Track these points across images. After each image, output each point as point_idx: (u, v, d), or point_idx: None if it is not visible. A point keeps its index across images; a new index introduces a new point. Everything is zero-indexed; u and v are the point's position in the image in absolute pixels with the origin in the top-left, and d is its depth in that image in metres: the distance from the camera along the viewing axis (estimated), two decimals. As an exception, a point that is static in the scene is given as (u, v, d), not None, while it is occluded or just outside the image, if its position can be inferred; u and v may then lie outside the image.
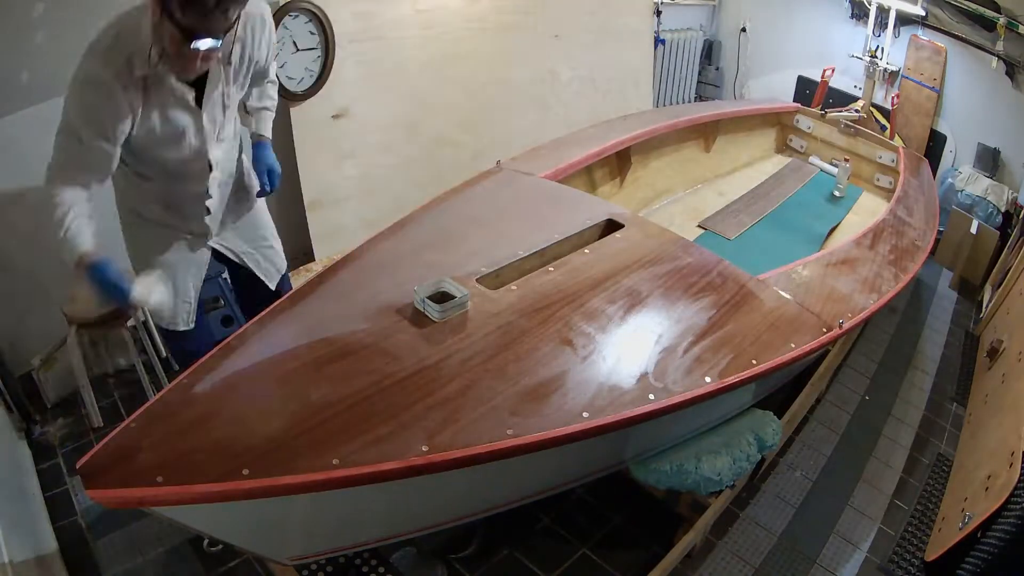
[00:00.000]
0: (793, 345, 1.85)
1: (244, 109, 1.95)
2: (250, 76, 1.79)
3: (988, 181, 3.87)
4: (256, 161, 1.94)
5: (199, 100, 1.65)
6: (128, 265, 1.87)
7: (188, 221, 1.87)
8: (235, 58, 1.68)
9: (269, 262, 2.13)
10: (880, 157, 3.71)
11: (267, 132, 1.98)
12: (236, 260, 2.05)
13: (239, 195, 1.98)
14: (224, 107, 1.73)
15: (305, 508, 1.37)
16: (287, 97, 2.76)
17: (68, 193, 1.54)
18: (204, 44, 1.45)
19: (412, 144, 3.31)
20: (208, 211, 1.86)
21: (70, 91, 1.53)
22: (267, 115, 1.99)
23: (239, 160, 1.94)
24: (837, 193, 3.56)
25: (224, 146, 1.81)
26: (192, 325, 1.95)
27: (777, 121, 4.07)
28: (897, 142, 3.84)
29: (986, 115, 3.93)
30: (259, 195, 1.99)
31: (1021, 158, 3.78)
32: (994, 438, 2.32)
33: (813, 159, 3.93)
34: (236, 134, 1.87)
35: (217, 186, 1.84)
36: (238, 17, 1.50)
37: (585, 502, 2.32)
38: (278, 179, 1.96)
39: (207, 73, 1.63)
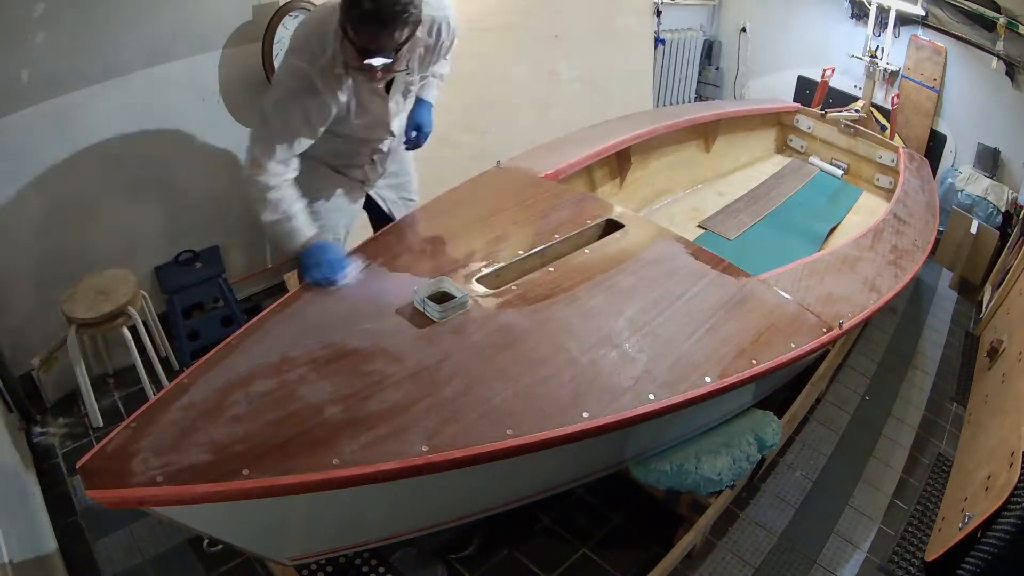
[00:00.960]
0: (793, 345, 1.84)
1: None
2: (431, 66, 2.08)
3: (988, 181, 3.87)
4: (411, 116, 2.19)
5: (387, 86, 1.93)
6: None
7: (356, 170, 2.19)
8: (416, 59, 1.92)
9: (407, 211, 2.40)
10: (880, 157, 3.71)
11: (428, 96, 2.21)
12: (384, 209, 2.36)
13: (396, 153, 2.29)
14: (406, 93, 2.04)
15: (305, 508, 1.37)
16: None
17: (278, 179, 1.81)
18: (377, 62, 1.64)
19: (412, 144, 3.31)
20: (373, 163, 2.19)
21: (278, 86, 1.80)
22: (434, 82, 2.22)
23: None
24: None
25: (401, 116, 2.13)
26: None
27: (777, 121, 4.06)
28: (897, 142, 3.83)
29: (986, 115, 3.93)
30: (406, 146, 2.26)
31: (1021, 158, 3.78)
32: (994, 438, 2.32)
33: (813, 159, 3.93)
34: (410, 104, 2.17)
35: (388, 146, 2.17)
36: (408, 38, 1.66)
37: (585, 502, 2.31)
38: (425, 137, 2.23)
39: None
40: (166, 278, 2.79)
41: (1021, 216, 3.59)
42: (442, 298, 1.67)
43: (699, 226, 3.17)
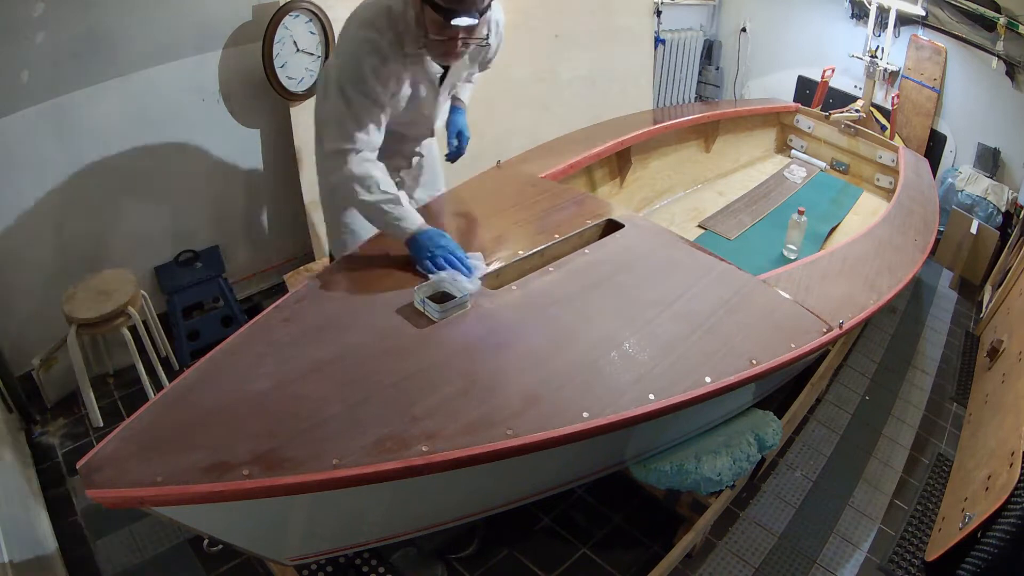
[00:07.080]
0: (793, 345, 1.84)
1: None
2: (477, 65, 2.12)
3: (988, 181, 3.87)
4: (450, 124, 2.20)
5: (441, 80, 1.93)
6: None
7: (394, 171, 2.10)
8: (470, 55, 1.91)
9: None
10: (880, 157, 3.71)
11: (466, 100, 2.27)
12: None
13: (430, 162, 2.31)
14: (452, 88, 2.05)
15: (305, 508, 1.37)
16: (287, 97, 2.76)
17: (366, 162, 1.76)
18: (463, 22, 1.64)
19: (412, 144, 3.31)
20: (410, 165, 2.20)
21: (347, 59, 1.73)
22: (469, 86, 2.27)
23: None
24: (789, 254, 2.94)
25: (442, 117, 2.13)
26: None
27: (777, 121, 4.07)
28: (897, 142, 3.84)
29: (986, 115, 3.93)
30: (448, 157, 2.23)
31: (1021, 158, 3.78)
32: (994, 438, 2.32)
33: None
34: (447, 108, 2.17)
35: (427, 146, 2.19)
36: (489, 4, 1.70)
37: (585, 502, 2.31)
38: (467, 142, 2.23)
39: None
40: (166, 278, 2.79)
41: (1021, 216, 3.59)
42: (442, 298, 1.67)
43: (699, 226, 3.17)
